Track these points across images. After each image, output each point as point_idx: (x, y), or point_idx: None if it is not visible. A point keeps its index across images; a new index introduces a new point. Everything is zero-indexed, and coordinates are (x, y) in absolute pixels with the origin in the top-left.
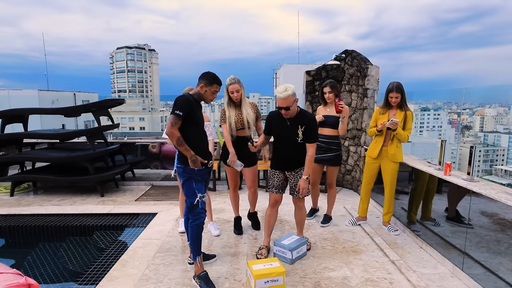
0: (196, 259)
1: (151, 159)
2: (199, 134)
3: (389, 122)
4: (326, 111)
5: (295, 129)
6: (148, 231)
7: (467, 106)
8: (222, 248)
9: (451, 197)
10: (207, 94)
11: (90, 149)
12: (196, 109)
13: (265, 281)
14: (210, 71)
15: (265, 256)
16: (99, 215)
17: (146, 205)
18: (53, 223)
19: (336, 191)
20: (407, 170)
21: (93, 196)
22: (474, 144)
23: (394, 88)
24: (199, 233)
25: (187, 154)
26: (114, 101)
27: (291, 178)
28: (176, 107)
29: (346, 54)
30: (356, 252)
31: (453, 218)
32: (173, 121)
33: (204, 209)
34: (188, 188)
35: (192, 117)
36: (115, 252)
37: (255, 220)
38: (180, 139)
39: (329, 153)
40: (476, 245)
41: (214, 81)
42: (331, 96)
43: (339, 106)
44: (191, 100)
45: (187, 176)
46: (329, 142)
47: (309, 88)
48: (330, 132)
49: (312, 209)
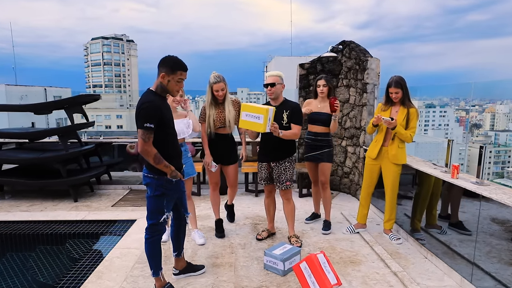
0: (159, 274)
1: (129, 160)
2: (173, 139)
3: (384, 120)
4: (317, 107)
5: (280, 113)
6: (126, 239)
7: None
8: (207, 259)
9: (450, 201)
10: (171, 84)
11: (62, 150)
12: (165, 111)
13: (246, 114)
14: (170, 55)
15: (264, 238)
16: (72, 222)
17: (124, 211)
18: (22, 231)
19: (333, 195)
20: (410, 172)
21: (66, 201)
22: (484, 144)
23: (393, 82)
24: (158, 248)
25: (166, 171)
26: (89, 96)
27: (275, 169)
28: (144, 119)
29: (343, 46)
30: (354, 262)
31: (456, 224)
32: (145, 136)
33: (166, 223)
34: (157, 204)
35: (164, 123)
36: (89, 263)
37: (231, 212)
38: (157, 156)
39: (321, 150)
40: (487, 255)
41: (177, 67)
42: (324, 90)
43: (335, 105)
44: (158, 103)
45: (161, 191)
46: (320, 139)
47: (302, 82)
48: (321, 129)
49: (314, 214)
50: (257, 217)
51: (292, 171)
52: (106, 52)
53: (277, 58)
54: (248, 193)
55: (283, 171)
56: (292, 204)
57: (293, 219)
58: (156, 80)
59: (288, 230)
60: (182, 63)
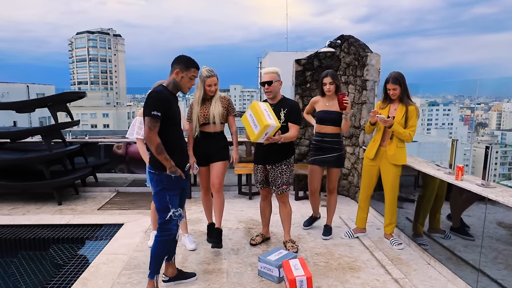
0: (154, 278)
1: (116, 161)
2: (178, 135)
3: (379, 118)
4: (325, 105)
5: (277, 112)
6: (113, 244)
7: (482, 100)
8: (199, 265)
9: (457, 204)
10: (184, 81)
11: (46, 150)
12: (173, 104)
13: (250, 114)
14: (184, 54)
15: (258, 243)
16: (56, 226)
17: (111, 214)
18: (3, 236)
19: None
20: (412, 174)
21: (49, 204)
22: (490, 144)
23: (391, 78)
24: (164, 250)
25: (165, 164)
26: (74, 94)
27: (271, 172)
28: (151, 107)
29: (342, 40)
30: (353, 269)
31: (457, 228)
32: (150, 124)
33: (177, 224)
34: (160, 201)
35: (170, 115)
36: (74, 269)
37: (217, 237)
38: (160, 147)
39: (331, 153)
40: (493, 261)
41: (191, 64)
42: (331, 88)
43: (344, 102)
44: (167, 95)
45: (161, 186)
46: (331, 141)
47: (299, 79)
48: (332, 130)
49: (312, 218)
50: (251, 221)
51: (290, 174)
52: (92, 47)
53: (272, 53)
54: (242, 195)
55: (280, 174)
56: (288, 207)
57: (289, 223)
58: (169, 77)
59: (284, 234)
60: (195, 61)
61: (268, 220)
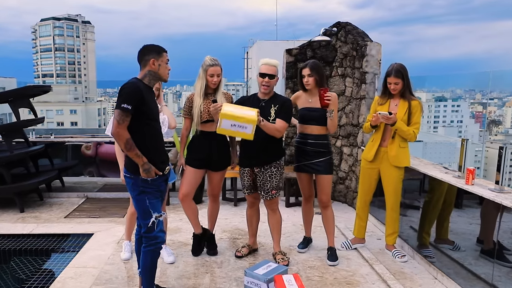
0: None
1: (85, 163)
2: (153, 132)
3: (381, 115)
4: (308, 101)
5: (268, 108)
6: (82, 257)
7: (495, 95)
8: (178, 279)
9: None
10: (162, 68)
11: (6, 151)
12: (149, 98)
13: (231, 124)
14: (147, 44)
15: (245, 255)
16: (18, 236)
17: (79, 223)
18: None
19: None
20: (417, 177)
21: (10, 211)
22: (504, 144)
23: (393, 71)
24: (154, 261)
25: (137, 161)
26: (38, 88)
27: (260, 176)
28: (122, 99)
29: (338, 28)
30: (351, 284)
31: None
32: (119, 118)
33: (162, 230)
34: (140, 206)
35: (144, 110)
36: (38, 285)
37: (211, 243)
38: (130, 142)
39: (318, 158)
40: (507, 275)
41: (161, 49)
42: (310, 81)
43: (325, 99)
44: (141, 87)
45: (138, 190)
46: (315, 143)
47: (290, 71)
48: (316, 130)
49: (307, 239)
50: (236, 230)
51: (280, 178)
52: (58, 35)
53: (260, 42)
54: (226, 202)
55: (269, 177)
56: (278, 215)
57: (279, 233)
58: (142, 71)
59: (273, 245)
60: (160, 46)
61: (256, 229)
